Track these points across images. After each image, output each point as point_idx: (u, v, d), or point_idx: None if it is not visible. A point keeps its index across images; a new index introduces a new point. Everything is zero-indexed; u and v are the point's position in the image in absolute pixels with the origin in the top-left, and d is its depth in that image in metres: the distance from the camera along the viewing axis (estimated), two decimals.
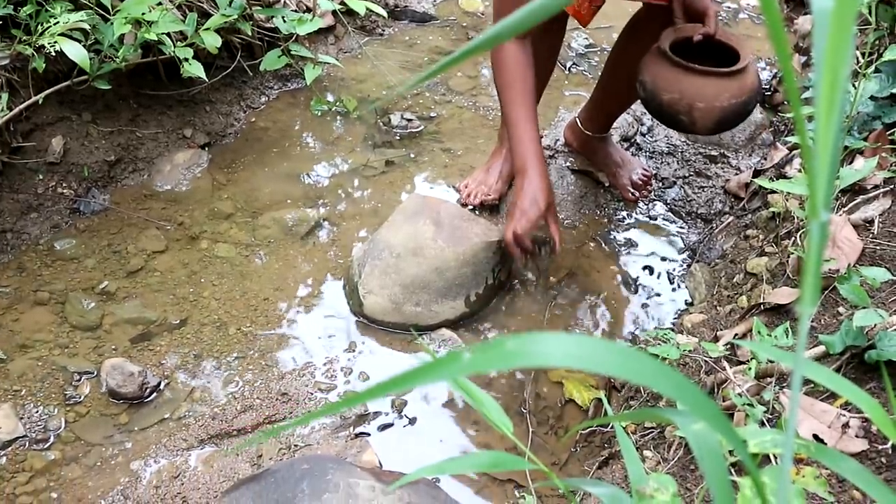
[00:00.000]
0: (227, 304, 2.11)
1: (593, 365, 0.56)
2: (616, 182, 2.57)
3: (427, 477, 1.68)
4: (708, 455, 0.68)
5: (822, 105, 0.53)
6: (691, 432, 0.70)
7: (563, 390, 2.00)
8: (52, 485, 1.69)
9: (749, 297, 2.00)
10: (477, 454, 0.90)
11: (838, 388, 0.83)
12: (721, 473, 0.67)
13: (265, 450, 1.80)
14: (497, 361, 0.57)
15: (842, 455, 0.88)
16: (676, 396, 0.57)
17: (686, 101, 1.93)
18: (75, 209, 2.31)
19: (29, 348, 1.94)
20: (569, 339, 0.57)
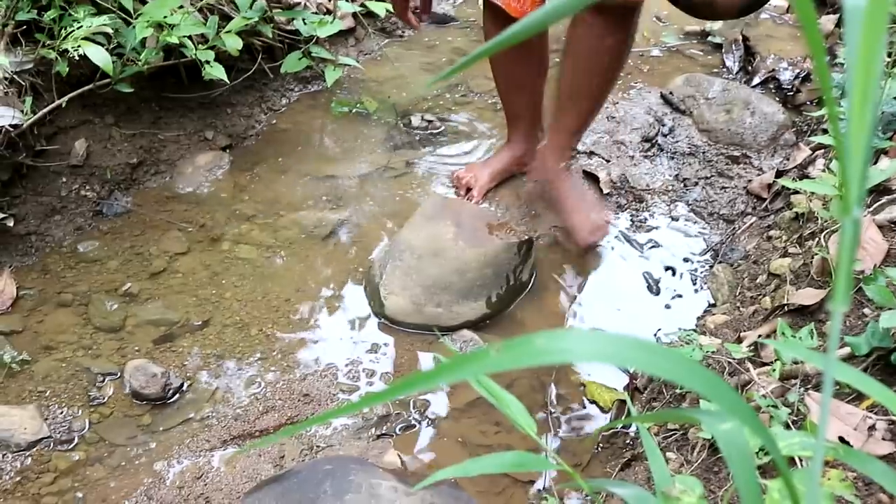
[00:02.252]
0: (248, 305, 2.11)
1: (622, 361, 0.56)
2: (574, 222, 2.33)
3: (450, 478, 1.68)
4: (737, 455, 0.67)
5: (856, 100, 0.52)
6: (720, 432, 0.69)
7: (584, 392, 1.99)
8: (77, 485, 1.70)
9: (772, 299, 1.99)
10: (500, 455, 0.89)
11: (867, 389, 0.82)
12: (750, 474, 0.66)
13: (287, 451, 1.80)
14: (525, 358, 0.57)
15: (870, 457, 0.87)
16: (706, 393, 0.56)
17: None
18: (98, 211, 2.33)
19: (53, 350, 1.96)
20: (597, 335, 0.56)
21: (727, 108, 2.88)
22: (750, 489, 0.65)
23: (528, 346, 0.57)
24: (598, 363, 2.08)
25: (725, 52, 3.32)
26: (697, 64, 3.27)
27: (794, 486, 0.61)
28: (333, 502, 1.46)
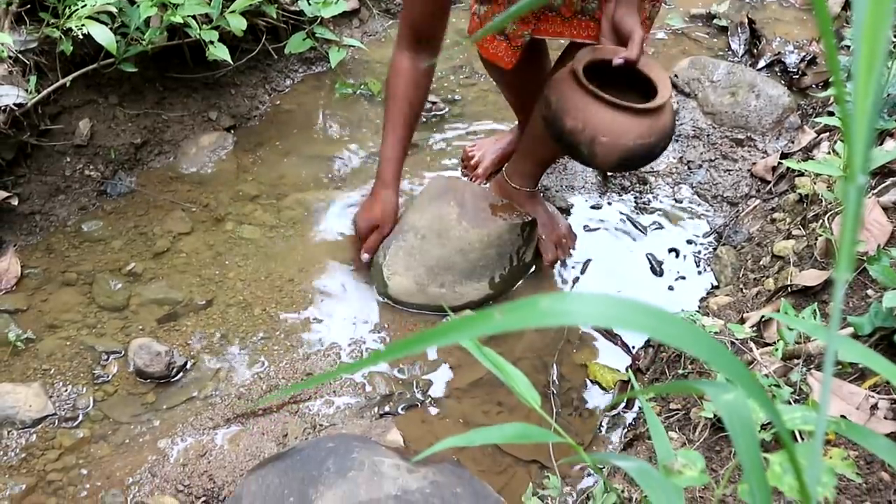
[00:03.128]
0: (252, 285, 2.12)
1: (626, 324, 0.56)
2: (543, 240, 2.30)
3: (452, 457, 1.69)
4: (739, 425, 0.68)
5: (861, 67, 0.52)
6: (722, 402, 0.69)
7: (587, 373, 1.99)
8: (81, 462, 1.71)
9: (776, 280, 1.99)
10: (504, 426, 0.90)
11: (871, 363, 0.82)
12: (753, 444, 0.67)
13: (290, 429, 1.81)
14: (529, 320, 0.57)
15: (872, 432, 0.88)
16: (710, 360, 0.56)
17: (589, 133, 1.74)
18: (102, 191, 2.33)
19: (57, 328, 1.96)
20: (602, 298, 0.57)
21: (732, 90, 2.87)
22: (752, 459, 0.66)
23: (531, 307, 0.57)
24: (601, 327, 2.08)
25: (731, 34, 3.31)
26: (703, 47, 3.26)
27: (795, 456, 0.61)
28: (336, 479, 1.47)
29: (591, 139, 1.75)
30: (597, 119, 1.73)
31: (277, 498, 1.47)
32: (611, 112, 1.73)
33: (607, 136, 1.74)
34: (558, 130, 1.80)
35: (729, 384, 0.72)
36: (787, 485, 0.82)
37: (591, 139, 1.74)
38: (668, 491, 0.79)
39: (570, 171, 2.60)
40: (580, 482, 1.76)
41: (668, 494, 0.78)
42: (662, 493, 0.79)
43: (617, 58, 1.77)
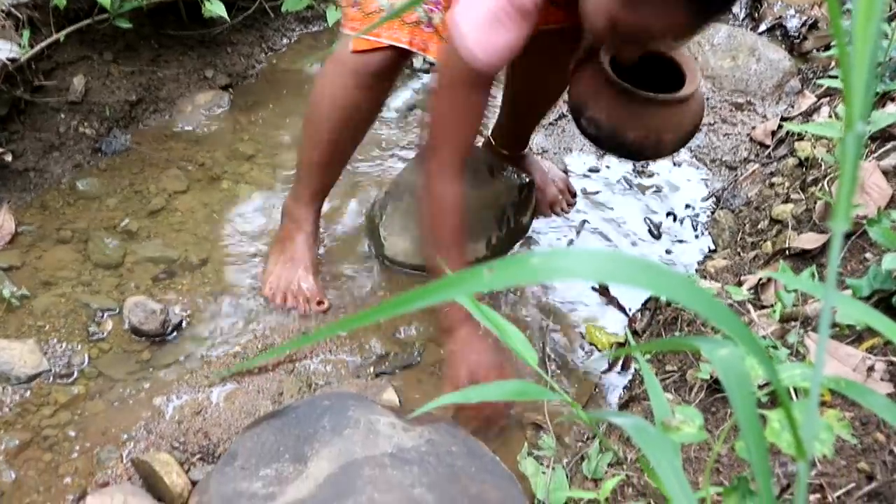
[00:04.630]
0: (247, 243, 2.11)
1: (621, 279, 0.55)
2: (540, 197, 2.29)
3: (448, 416, 1.69)
4: (736, 381, 0.67)
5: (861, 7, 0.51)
6: (718, 358, 0.69)
7: (582, 335, 1.99)
8: (77, 418, 1.71)
9: (774, 243, 1.98)
10: (502, 383, 0.89)
11: (870, 321, 0.82)
12: (749, 399, 0.66)
13: (286, 388, 1.81)
14: (521, 277, 0.56)
15: (871, 390, 0.87)
16: (706, 313, 0.56)
17: (654, 136, 1.70)
18: (97, 149, 2.31)
19: (52, 285, 1.95)
20: (595, 253, 0.56)
21: (732, 54, 2.85)
22: (748, 414, 0.65)
23: (523, 264, 0.56)
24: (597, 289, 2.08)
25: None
26: None
27: (792, 412, 0.61)
28: (332, 437, 1.47)
29: (657, 141, 1.70)
30: (657, 121, 1.68)
31: (273, 455, 1.48)
32: (666, 109, 1.68)
33: (671, 132, 1.70)
34: (619, 144, 1.74)
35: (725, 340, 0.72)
36: (785, 441, 0.82)
37: (658, 140, 1.70)
38: (665, 447, 0.78)
39: (569, 134, 2.59)
40: (576, 444, 1.77)
41: (664, 450, 0.78)
42: (659, 449, 0.78)
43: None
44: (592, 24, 1.51)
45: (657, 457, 0.78)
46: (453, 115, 1.67)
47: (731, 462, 1.43)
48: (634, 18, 1.42)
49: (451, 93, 1.65)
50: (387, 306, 0.57)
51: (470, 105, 1.65)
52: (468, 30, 1.54)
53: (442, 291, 0.57)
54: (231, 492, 1.40)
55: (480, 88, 1.64)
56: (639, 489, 1.47)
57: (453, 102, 1.66)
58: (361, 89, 1.79)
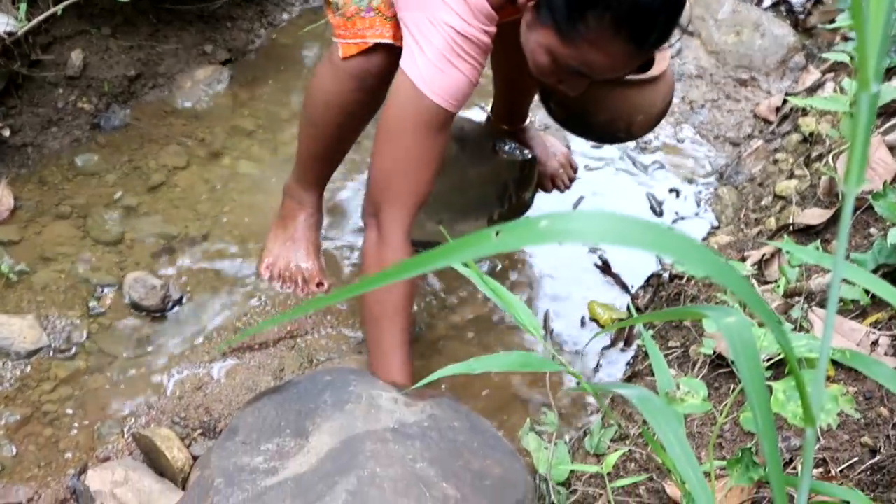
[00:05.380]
0: (248, 220, 2.09)
1: (630, 241, 0.54)
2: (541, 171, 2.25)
3: (450, 392, 1.68)
4: (742, 348, 0.66)
5: None
6: (725, 325, 0.68)
7: (585, 311, 1.98)
8: (77, 393, 1.71)
9: (777, 219, 1.97)
10: (505, 354, 0.88)
11: (877, 290, 0.81)
12: (756, 367, 0.65)
13: (287, 364, 1.80)
14: (528, 239, 0.55)
15: (876, 361, 0.86)
16: (715, 275, 0.54)
17: (625, 118, 1.68)
18: (96, 124, 2.29)
19: (51, 261, 1.94)
20: (604, 215, 0.54)
21: (737, 29, 2.83)
22: (755, 382, 0.64)
23: (530, 227, 0.55)
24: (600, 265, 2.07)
25: None
26: None
27: (800, 376, 0.60)
28: (333, 412, 1.46)
29: (628, 123, 1.69)
30: (627, 103, 1.66)
31: (274, 429, 1.47)
32: (636, 91, 1.66)
33: (642, 114, 1.69)
34: (588, 126, 1.73)
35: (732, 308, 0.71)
36: (790, 412, 0.81)
37: (629, 123, 1.69)
38: (670, 417, 0.77)
39: None
40: (578, 420, 1.76)
41: (669, 420, 0.77)
42: (663, 420, 0.78)
43: None
44: (535, 61, 1.49)
45: (662, 426, 0.77)
46: (408, 163, 1.58)
47: (733, 437, 1.43)
48: (574, 53, 1.40)
49: (404, 138, 1.56)
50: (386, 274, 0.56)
51: (428, 150, 1.57)
52: (421, 76, 1.50)
53: (447, 256, 0.56)
54: (232, 466, 1.40)
55: (439, 131, 1.57)
56: (641, 464, 1.47)
57: (408, 149, 1.56)
58: (358, 91, 1.74)
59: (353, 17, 1.66)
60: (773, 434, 0.64)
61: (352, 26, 1.67)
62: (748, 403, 0.65)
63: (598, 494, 1.46)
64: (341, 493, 1.31)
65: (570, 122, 1.75)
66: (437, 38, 1.49)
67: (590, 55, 1.39)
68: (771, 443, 0.64)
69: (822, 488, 0.90)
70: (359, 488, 1.31)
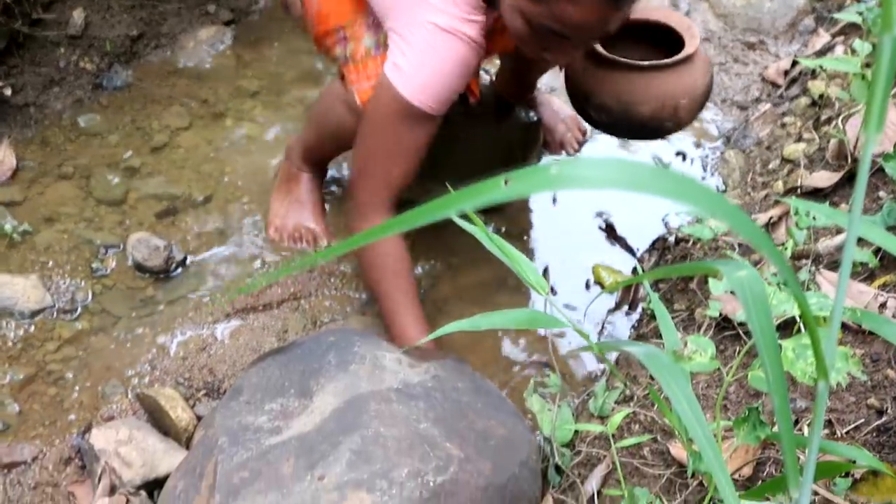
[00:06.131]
0: (251, 181, 2.08)
1: (641, 188, 0.52)
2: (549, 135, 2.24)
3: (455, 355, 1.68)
4: (753, 301, 0.65)
5: None
6: (736, 279, 0.67)
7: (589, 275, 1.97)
8: (81, 354, 1.70)
9: (785, 183, 1.95)
10: (512, 311, 0.87)
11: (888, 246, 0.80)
12: (767, 321, 0.64)
13: (291, 325, 1.80)
14: (539, 186, 0.54)
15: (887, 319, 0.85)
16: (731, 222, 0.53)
17: (669, 105, 1.63)
18: (98, 84, 2.27)
19: (54, 221, 1.93)
20: (617, 162, 0.53)
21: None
22: (767, 335, 0.63)
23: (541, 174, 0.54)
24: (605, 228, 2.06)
25: None
26: None
27: (815, 330, 0.59)
28: (337, 373, 1.46)
29: (674, 110, 1.63)
30: (668, 88, 1.61)
31: (278, 389, 1.47)
32: (673, 73, 1.61)
33: (686, 97, 1.63)
34: (637, 123, 1.66)
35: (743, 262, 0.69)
36: (799, 370, 0.80)
37: (674, 109, 1.63)
38: (677, 374, 0.77)
39: None
40: (582, 383, 1.76)
41: (676, 378, 0.76)
42: (671, 377, 0.77)
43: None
44: (511, 26, 1.46)
45: (670, 384, 0.76)
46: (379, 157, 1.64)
47: (738, 399, 1.42)
48: (544, 10, 1.37)
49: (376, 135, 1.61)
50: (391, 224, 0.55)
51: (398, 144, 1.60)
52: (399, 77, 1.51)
53: (454, 204, 0.55)
54: (236, 425, 1.40)
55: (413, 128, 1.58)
56: (645, 425, 1.47)
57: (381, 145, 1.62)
58: None
59: (364, 60, 1.66)
60: (784, 388, 0.63)
61: (364, 69, 1.66)
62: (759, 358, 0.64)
63: (602, 455, 1.46)
64: (345, 452, 1.31)
65: (615, 125, 1.70)
66: (417, 38, 1.49)
67: (559, 8, 1.36)
68: (782, 397, 0.63)
69: (829, 447, 0.89)
70: (363, 448, 1.31)
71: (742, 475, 1.21)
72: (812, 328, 0.59)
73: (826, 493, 1.03)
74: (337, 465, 1.29)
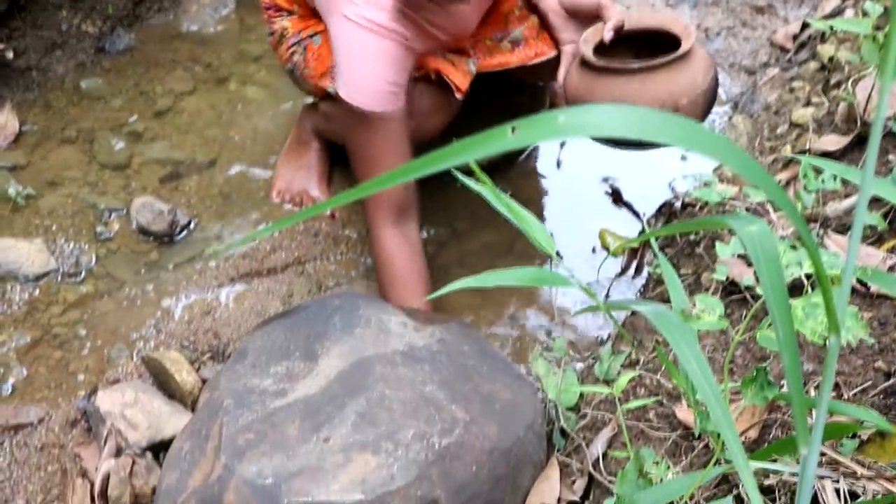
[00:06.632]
0: (255, 145, 2.07)
1: (652, 134, 0.51)
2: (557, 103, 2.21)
3: (461, 317, 1.67)
4: (764, 257, 0.64)
5: None
6: (747, 233, 0.66)
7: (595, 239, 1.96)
8: (86, 317, 1.70)
9: (793, 147, 1.93)
10: (520, 269, 0.86)
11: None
12: (778, 276, 0.63)
13: (296, 289, 1.79)
14: (547, 134, 0.53)
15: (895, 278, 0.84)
16: (742, 171, 0.52)
17: (669, 105, 1.57)
18: (101, 48, 2.26)
19: (58, 185, 1.93)
20: (627, 109, 0.52)
21: None
22: (777, 291, 0.62)
23: (549, 121, 0.53)
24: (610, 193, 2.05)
25: None
26: None
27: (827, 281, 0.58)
28: (342, 336, 1.46)
29: (674, 111, 1.58)
30: (666, 88, 1.57)
31: (283, 353, 1.47)
32: (669, 72, 1.57)
33: (686, 97, 1.59)
34: None
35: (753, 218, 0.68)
36: (809, 328, 0.79)
37: (675, 110, 1.58)
38: (686, 333, 0.76)
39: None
40: (587, 348, 1.75)
41: (685, 336, 0.75)
42: (679, 336, 0.76)
43: (606, 32, 1.63)
44: None
45: (678, 341, 0.75)
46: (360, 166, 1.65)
47: (744, 363, 1.42)
48: None
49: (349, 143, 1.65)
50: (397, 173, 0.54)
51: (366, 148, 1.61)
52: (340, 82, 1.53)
53: (462, 153, 0.54)
54: (242, 388, 1.40)
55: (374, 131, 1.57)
56: (651, 389, 1.47)
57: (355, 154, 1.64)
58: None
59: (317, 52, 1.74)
60: (795, 345, 0.63)
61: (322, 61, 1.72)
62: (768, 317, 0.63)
63: (608, 419, 1.46)
64: (351, 414, 1.31)
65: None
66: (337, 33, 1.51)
67: None
68: (792, 354, 0.62)
69: (837, 407, 0.89)
70: (368, 410, 1.31)
71: (748, 437, 1.21)
72: (824, 280, 0.58)
73: (833, 453, 1.02)
74: (342, 427, 1.29)
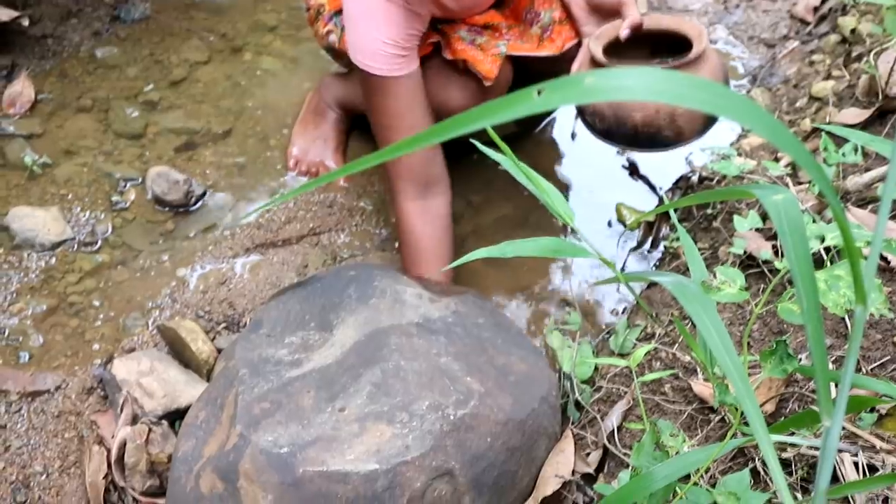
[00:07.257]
0: (270, 116, 2.06)
1: (677, 98, 0.51)
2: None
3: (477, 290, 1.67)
4: (789, 226, 0.63)
5: None
6: (772, 202, 0.65)
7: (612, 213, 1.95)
8: (102, 286, 1.71)
9: (813, 120, 1.91)
10: (538, 239, 0.86)
11: None
12: (803, 245, 0.62)
13: (311, 260, 1.79)
14: (573, 97, 0.52)
15: None
16: (769, 135, 0.51)
17: (665, 111, 1.53)
18: (116, 17, 2.25)
19: (74, 154, 1.93)
20: (654, 72, 0.51)
21: None
22: (801, 260, 0.61)
23: (575, 84, 0.52)
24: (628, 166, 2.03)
25: None
26: None
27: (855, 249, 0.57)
28: (358, 306, 1.46)
29: (670, 118, 1.54)
30: None
31: (298, 323, 1.47)
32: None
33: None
34: (630, 131, 1.57)
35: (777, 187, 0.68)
36: (831, 300, 0.79)
37: (671, 118, 1.54)
38: (707, 304, 0.75)
39: None
40: (602, 322, 1.75)
41: (706, 307, 0.75)
42: (700, 306, 0.75)
43: (623, 30, 1.59)
44: None
45: (698, 312, 0.75)
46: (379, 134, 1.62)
47: (762, 337, 1.41)
48: None
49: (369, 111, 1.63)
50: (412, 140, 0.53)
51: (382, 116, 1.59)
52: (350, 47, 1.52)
53: (485, 116, 0.53)
54: (257, 358, 1.40)
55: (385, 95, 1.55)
56: (667, 363, 1.46)
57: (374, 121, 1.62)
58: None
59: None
60: (819, 315, 0.62)
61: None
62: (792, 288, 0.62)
63: (623, 392, 1.45)
64: (366, 384, 1.31)
65: (610, 131, 1.62)
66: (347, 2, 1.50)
67: None
68: (816, 325, 0.62)
69: (858, 380, 0.88)
70: (383, 380, 1.31)
71: (765, 411, 1.21)
72: (852, 248, 0.57)
73: (852, 427, 1.02)
74: (357, 397, 1.30)
